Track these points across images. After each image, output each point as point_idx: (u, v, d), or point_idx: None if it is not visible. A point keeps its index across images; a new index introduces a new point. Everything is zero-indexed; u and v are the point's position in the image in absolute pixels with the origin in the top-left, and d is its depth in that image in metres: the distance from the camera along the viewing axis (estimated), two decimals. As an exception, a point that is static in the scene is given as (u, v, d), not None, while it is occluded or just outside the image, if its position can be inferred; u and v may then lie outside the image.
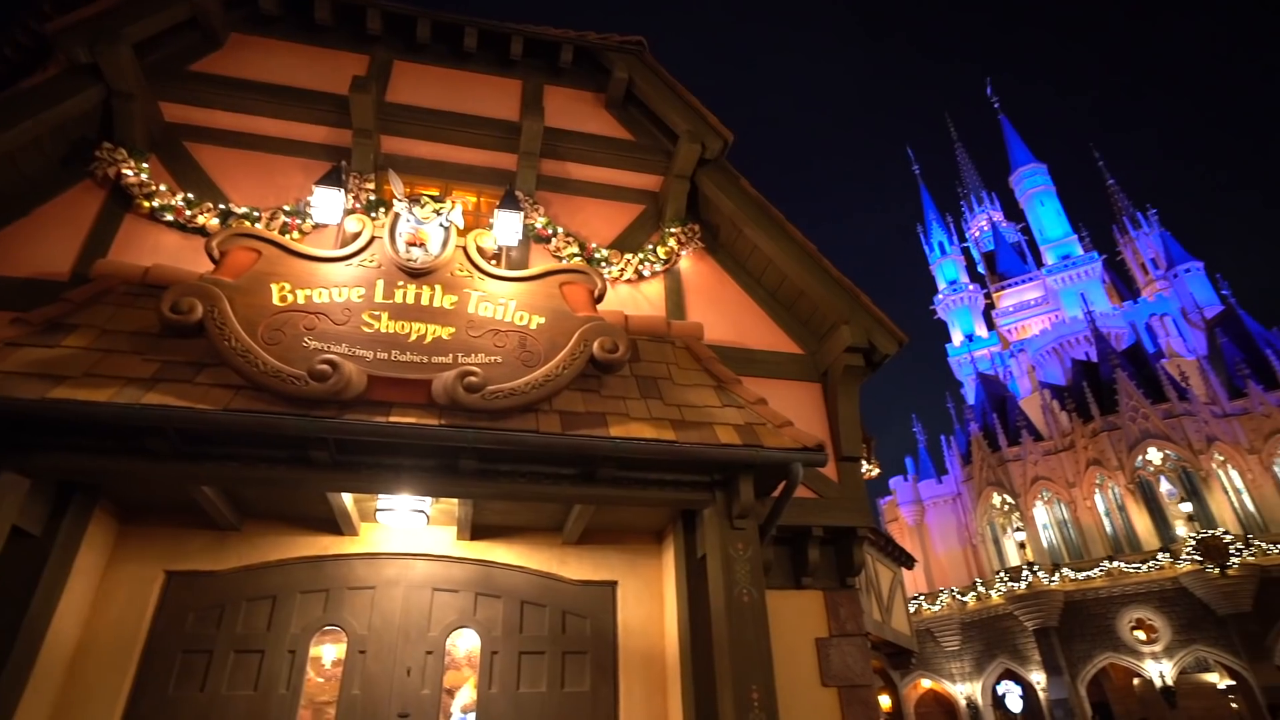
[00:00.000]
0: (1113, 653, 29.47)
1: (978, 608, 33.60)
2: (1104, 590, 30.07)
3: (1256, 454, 30.68)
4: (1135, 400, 32.38)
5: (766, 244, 6.27)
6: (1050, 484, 34.10)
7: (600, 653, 5.49)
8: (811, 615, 5.47)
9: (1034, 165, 55.95)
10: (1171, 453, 31.16)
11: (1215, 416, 31.79)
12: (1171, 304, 46.82)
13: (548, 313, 4.95)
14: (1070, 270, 50.95)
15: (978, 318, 54.61)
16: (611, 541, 5.77)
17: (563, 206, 6.72)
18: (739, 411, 4.93)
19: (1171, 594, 28.72)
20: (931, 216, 61.34)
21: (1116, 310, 47.40)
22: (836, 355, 5.91)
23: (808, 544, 5.46)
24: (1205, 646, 27.81)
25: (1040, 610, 30.54)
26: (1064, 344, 45.67)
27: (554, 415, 4.63)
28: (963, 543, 38.22)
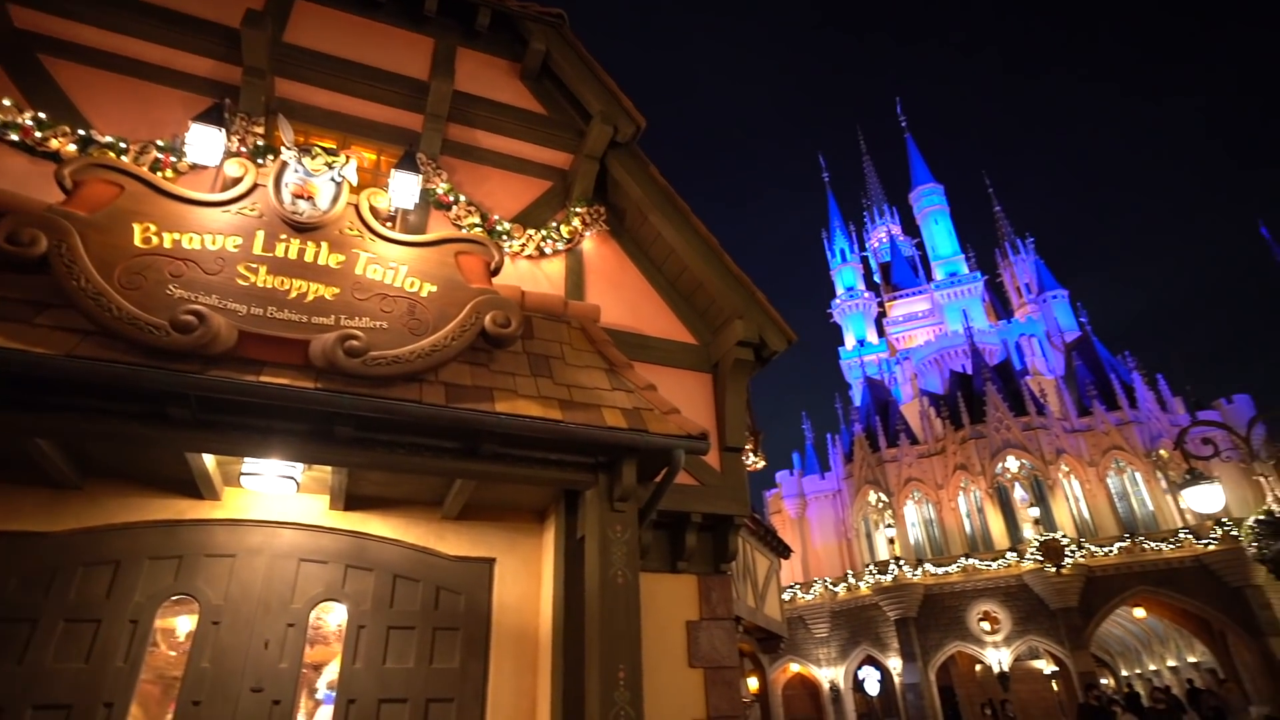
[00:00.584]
0: (961, 642, 32.02)
1: (847, 598, 35.62)
2: (959, 585, 32.56)
3: (1094, 466, 34.01)
4: (1000, 412, 35.10)
5: (670, 233, 6.34)
6: (921, 485, 36.49)
7: (473, 629, 5.44)
8: (684, 598, 5.62)
9: (932, 185, 59.27)
10: (1027, 462, 34.03)
11: (1065, 431, 34.96)
12: (1039, 326, 50.92)
13: (440, 281, 4.80)
14: (955, 287, 54.46)
15: (870, 324, 57.46)
16: (492, 518, 5.71)
17: (467, 174, 6.53)
18: (628, 396, 4.98)
19: (1015, 589, 31.48)
20: (836, 224, 63.88)
21: (992, 328, 51.07)
22: (728, 348, 6.07)
23: (686, 529, 5.60)
24: (1038, 637, 30.69)
25: (902, 602, 32.73)
26: (945, 355, 48.81)
27: (439, 387, 4.51)
28: (839, 536, 40.35)
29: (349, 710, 4.90)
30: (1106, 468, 34.03)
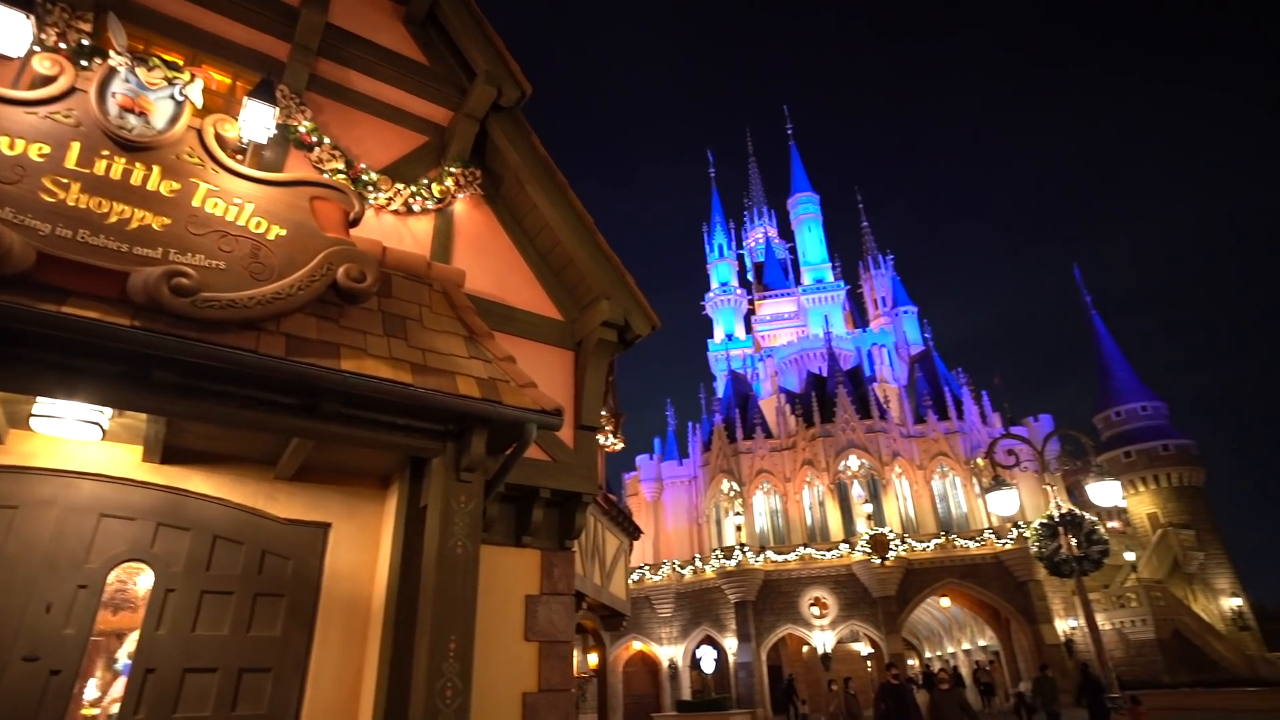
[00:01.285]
0: (793, 625, 34.29)
1: (693, 580, 37.09)
2: (796, 572, 34.79)
3: (923, 470, 37.38)
4: (848, 414, 37.69)
5: (546, 206, 6.25)
6: (771, 477, 38.54)
7: (300, 596, 5.16)
8: (526, 573, 5.62)
9: (809, 194, 62.27)
10: (866, 462, 36.81)
11: (902, 436, 38.10)
12: (890, 337, 55.03)
13: (291, 225, 4.47)
14: (821, 293, 57.68)
15: (740, 320, 59.71)
16: (331, 481, 5.43)
17: (336, 116, 6.10)
18: (484, 365, 4.88)
19: (844, 578, 34.08)
20: (717, 220, 65.67)
21: (849, 335, 54.61)
22: (593, 327, 6.08)
23: (534, 504, 5.59)
24: (859, 621, 33.44)
25: (743, 586, 34.53)
26: (804, 357, 51.66)
27: (279, 337, 4.20)
28: (691, 521, 41.86)
29: (146, 680, 4.51)
30: (933, 471, 37.48)
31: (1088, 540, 8.46)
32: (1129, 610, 32.86)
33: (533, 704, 5.26)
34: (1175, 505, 42.16)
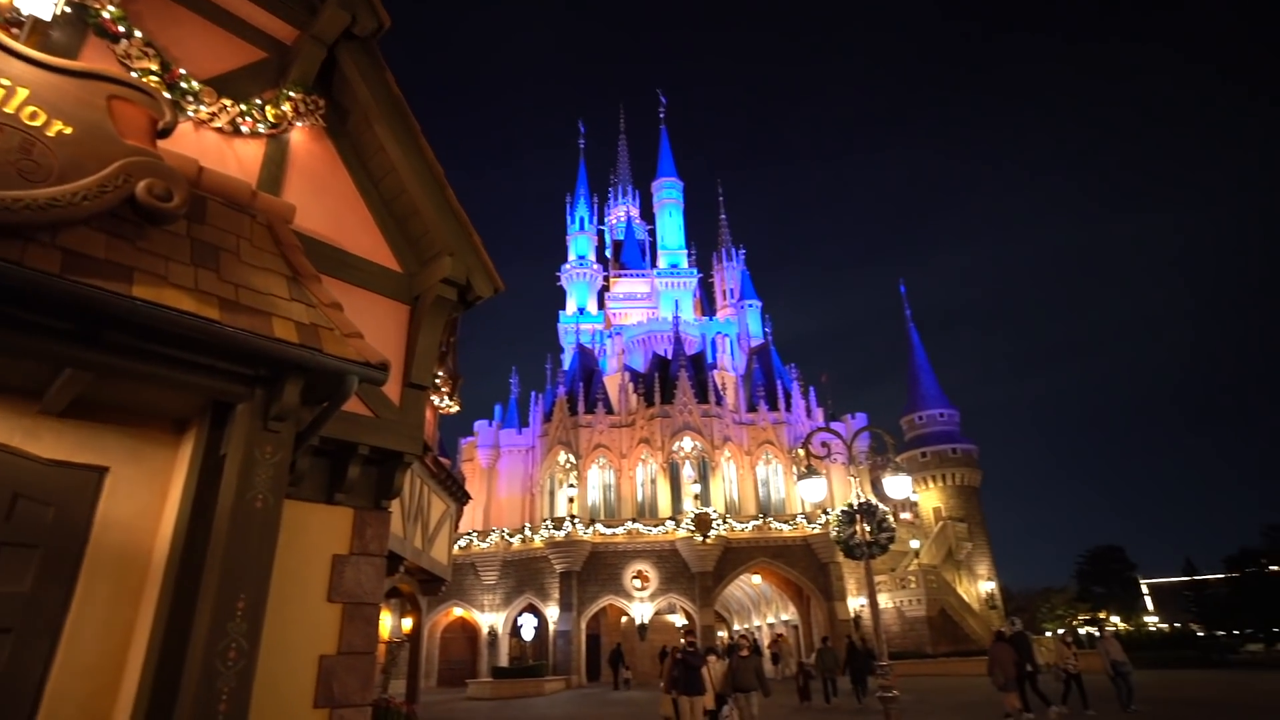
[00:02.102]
0: (614, 596, 35.38)
1: (521, 549, 37.14)
2: (622, 545, 35.85)
3: (750, 455, 39.78)
4: (687, 398, 39.19)
5: (395, 150, 5.89)
6: (608, 452, 39.29)
7: (60, 548, 4.55)
8: (336, 531, 5.34)
9: (673, 180, 63.51)
10: (699, 444, 38.54)
11: (734, 423, 40.25)
12: (733, 328, 57.68)
13: (80, 124, 3.87)
14: (674, 278, 59.23)
15: (593, 295, 60.01)
16: (114, 421, 4.82)
17: (155, 9, 5.35)
18: (306, 309, 4.53)
19: (667, 553, 35.62)
20: (582, 191, 65.31)
21: (696, 321, 56.61)
22: (433, 283, 5.84)
23: (351, 460, 5.31)
24: (677, 595, 35.16)
25: (570, 556, 35.08)
26: (652, 338, 52.92)
27: (55, 251, 3.65)
28: (525, 490, 41.80)
29: None
30: (759, 458, 39.97)
31: (879, 528, 9.42)
32: (908, 591, 37.10)
33: (330, 667, 5.03)
34: (955, 501, 48.04)
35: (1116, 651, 14.58)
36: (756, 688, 11.54)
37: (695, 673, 11.20)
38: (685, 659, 11.29)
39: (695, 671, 11.21)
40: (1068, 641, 15.36)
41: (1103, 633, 16.07)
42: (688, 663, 11.20)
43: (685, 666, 11.18)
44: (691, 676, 11.14)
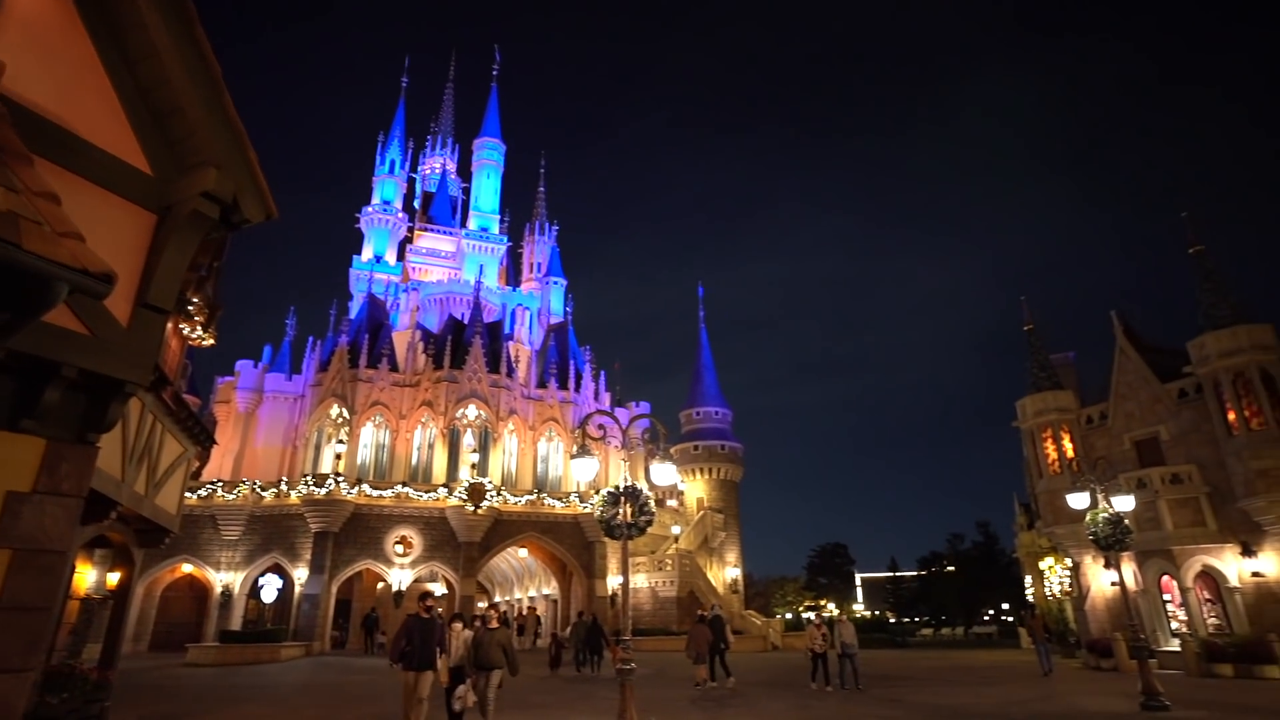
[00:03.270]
0: (373, 560, 33.73)
1: (273, 504, 34.06)
2: (388, 509, 34.26)
3: (533, 431, 39.93)
4: (478, 365, 38.34)
5: (160, 30, 5.02)
6: (386, 411, 37.29)
7: None
8: (17, 464, 4.47)
9: (496, 141, 61.54)
10: (484, 413, 37.90)
11: (523, 397, 40.13)
12: (536, 302, 57.43)
13: None
14: (483, 242, 57.55)
15: (394, 245, 56.45)
16: None
17: None
18: (8, 195, 3.73)
19: (435, 520, 34.66)
20: (397, 133, 61.05)
21: (499, 290, 55.53)
22: (190, 195, 5.08)
23: (50, 382, 4.47)
24: (440, 563, 34.39)
25: (329, 516, 32.83)
26: (451, 299, 51.04)
27: None
28: (287, 441, 38.36)
29: None
30: (542, 434, 40.23)
31: (640, 511, 9.90)
32: (665, 573, 39.57)
33: (-14, 623, 4.22)
34: (718, 494, 52.05)
35: (849, 635, 16.15)
36: (501, 664, 10.18)
37: (428, 643, 9.49)
38: (424, 623, 9.54)
39: (428, 641, 9.50)
40: (817, 624, 16.85)
41: (839, 618, 17.52)
42: (427, 628, 9.52)
43: (424, 631, 9.50)
44: (423, 647, 9.44)
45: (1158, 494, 21.49)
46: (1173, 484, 21.50)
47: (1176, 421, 22.29)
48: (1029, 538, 33.65)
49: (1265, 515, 19.30)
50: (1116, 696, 13.99)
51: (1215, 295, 21.37)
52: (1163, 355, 23.59)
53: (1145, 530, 21.22)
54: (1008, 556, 60.88)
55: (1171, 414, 22.45)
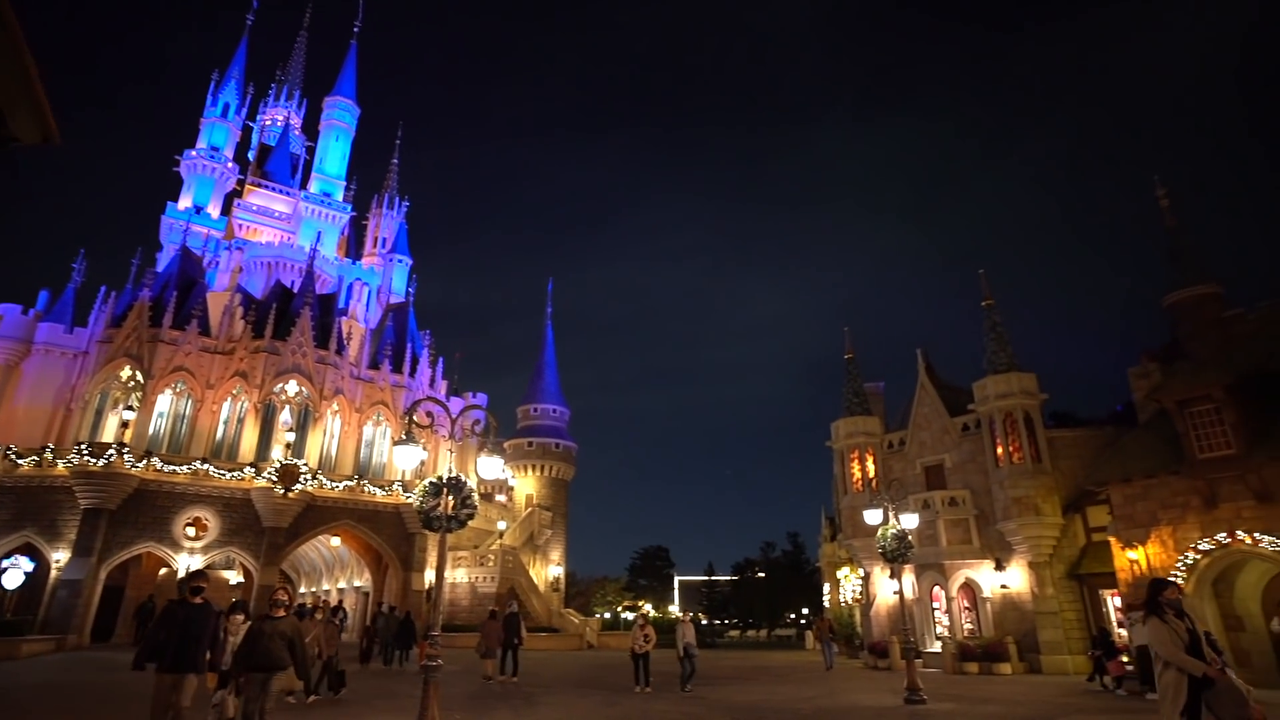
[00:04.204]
0: (157, 543, 30.15)
1: (33, 474, 29.52)
2: (182, 487, 30.82)
3: (360, 413, 37.69)
4: (304, 339, 35.57)
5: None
6: (190, 378, 33.59)
7: None
8: None
9: (350, 102, 57.65)
10: (306, 390, 35.21)
11: (352, 376, 37.77)
12: (376, 279, 54.37)
13: None
14: (324, 208, 53.61)
15: (219, 197, 51.07)
16: None
17: None
18: None
19: (238, 502, 31.66)
20: (235, 74, 55.34)
21: (337, 261, 51.98)
22: (-59, 97, 4.24)
23: None
24: (239, 549, 31.44)
25: (104, 492, 28.96)
26: (280, 264, 47.04)
27: None
28: (60, 403, 33.43)
29: None
30: (369, 417, 38.07)
31: (462, 504, 9.60)
32: (486, 569, 38.82)
33: None
34: (548, 491, 51.94)
35: (690, 636, 16.03)
36: (286, 664, 7.79)
37: (192, 638, 7.29)
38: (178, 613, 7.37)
39: (193, 636, 7.31)
40: (642, 624, 16.04)
41: (682, 618, 17.13)
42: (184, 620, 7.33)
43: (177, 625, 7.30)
44: (183, 643, 7.23)
45: (938, 514, 24.24)
46: (950, 506, 24.35)
47: (959, 451, 25.27)
48: (831, 549, 36.63)
49: (1015, 536, 22.36)
50: (887, 693, 15.55)
51: (997, 344, 24.50)
52: (954, 392, 26.66)
53: (925, 546, 23.83)
54: (812, 565, 65.97)
55: (955, 444, 25.42)
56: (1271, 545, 15.44)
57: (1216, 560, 16.50)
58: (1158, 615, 5.78)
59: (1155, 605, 5.84)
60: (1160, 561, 17.26)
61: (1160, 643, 5.68)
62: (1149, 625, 5.83)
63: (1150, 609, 5.88)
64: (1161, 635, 5.70)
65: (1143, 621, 5.94)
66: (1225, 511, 16.37)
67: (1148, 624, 5.86)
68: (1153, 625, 5.78)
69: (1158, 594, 5.93)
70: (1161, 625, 5.74)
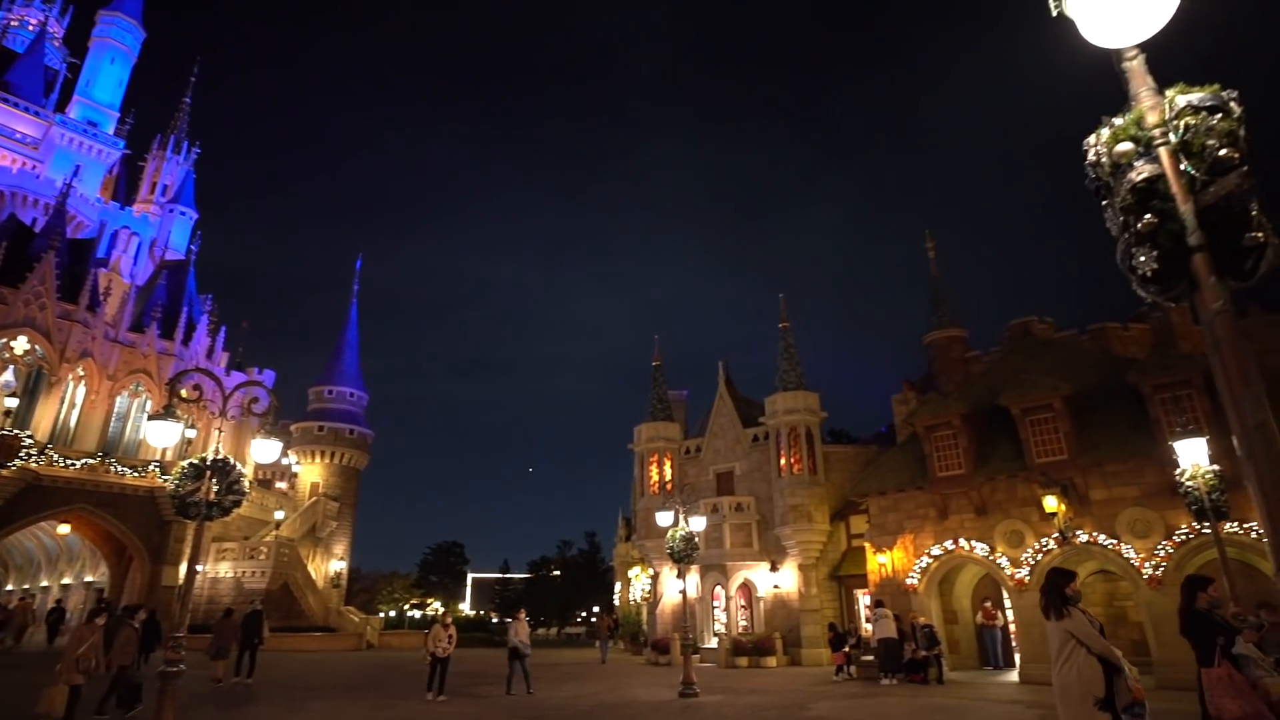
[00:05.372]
0: None
1: None
2: None
3: (113, 381, 32.59)
4: (44, 287, 30.13)
5: None
6: (-126, 321, 27.08)
7: None
8: None
9: (132, 22, 49.79)
10: (40, 349, 29.82)
11: (107, 338, 32.60)
12: (150, 230, 47.55)
13: None
14: (89, 139, 45.89)
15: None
16: None
17: None
18: None
19: (-71, 478, 25.97)
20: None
21: (99, 203, 44.76)
22: None
23: None
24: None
25: None
26: (19, 197, 39.56)
27: None
28: None
29: None
30: (125, 387, 33.07)
31: (229, 489, 8.59)
32: (257, 562, 35.25)
33: None
34: (337, 480, 48.28)
35: (523, 634, 15.14)
36: None
37: None
38: None
39: None
40: (445, 624, 14.79)
41: (516, 616, 16.14)
42: None
43: None
44: None
45: (725, 518, 25.89)
46: (737, 511, 26.12)
47: (748, 460, 27.20)
48: (625, 548, 37.74)
49: (790, 540, 24.52)
50: (665, 687, 16.28)
51: (789, 364, 26.74)
52: (750, 405, 28.67)
53: (711, 548, 25.32)
54: (606, 565, 67.63)
55: (746, 454, 27.33)
56: (982, 551, 18.29)
57: (943, 564, 19.20)
58: (1073, 606, 5.58)
59: (1063, 597, 5.61)
60: (902, 564, 19.75)
61: (1090, 636, 5.46)
62: (1072, 618, 5.55)
63: (1063, 601, 5.61)
64: (1088, 629, 5.50)
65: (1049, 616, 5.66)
66: (953, 522, 19.12)
67: (1069, 616, 5.54)
68: (1076, 618, 5.53)
69: (1063, 586, 5.68)
70: (1083, 617, 5.56)
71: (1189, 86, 2.47)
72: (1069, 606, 5.58)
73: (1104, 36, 2.55)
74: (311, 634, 33.92)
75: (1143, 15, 2.45)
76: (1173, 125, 2.43)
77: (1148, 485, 16.38)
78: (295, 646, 31.25)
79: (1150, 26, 2.47)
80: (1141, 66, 2.59)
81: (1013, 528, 18.05)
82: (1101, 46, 2.60)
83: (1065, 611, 5.56)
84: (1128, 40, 2.54)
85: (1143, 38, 2.52)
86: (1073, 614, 5.53)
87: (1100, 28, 2.54)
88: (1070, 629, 5.50)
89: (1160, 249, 2.46)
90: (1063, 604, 5.60)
